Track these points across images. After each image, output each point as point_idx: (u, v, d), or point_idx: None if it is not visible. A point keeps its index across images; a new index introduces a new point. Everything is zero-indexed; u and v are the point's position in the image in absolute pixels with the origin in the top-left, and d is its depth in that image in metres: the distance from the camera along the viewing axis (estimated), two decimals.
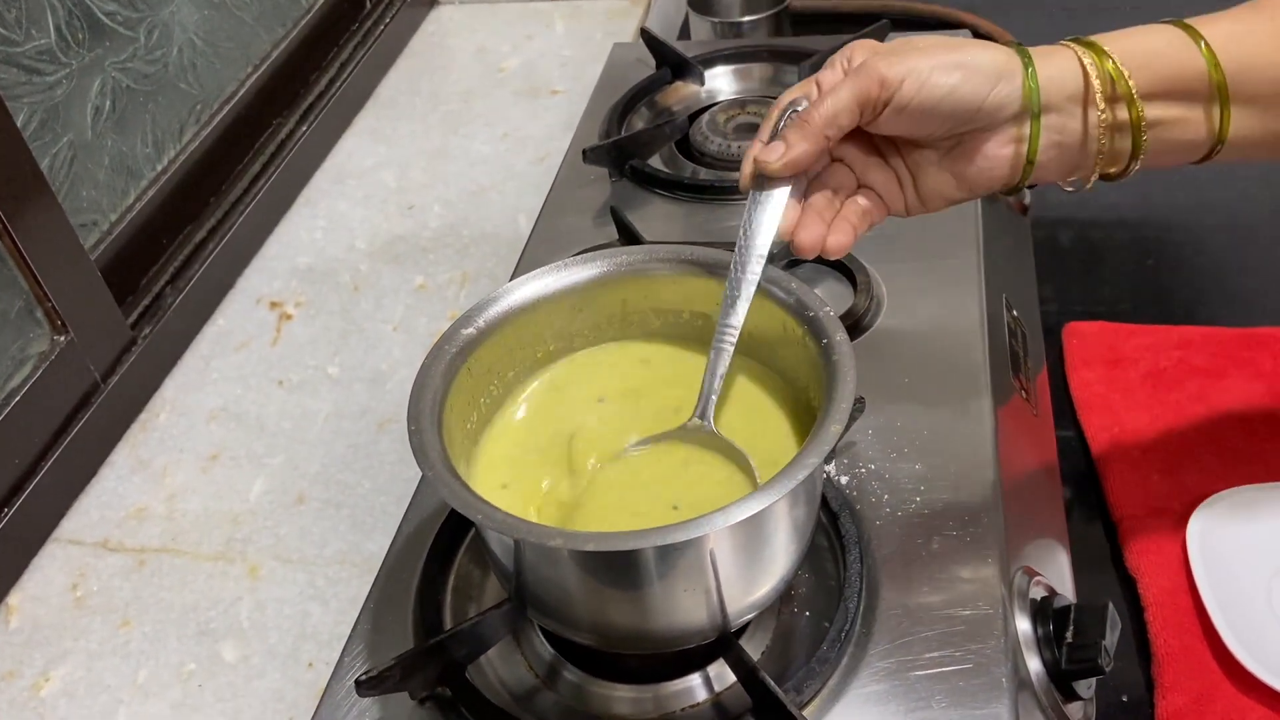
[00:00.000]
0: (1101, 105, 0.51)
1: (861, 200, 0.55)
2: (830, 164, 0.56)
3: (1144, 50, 0.52)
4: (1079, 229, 1.03)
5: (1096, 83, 0.51)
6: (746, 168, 0.54)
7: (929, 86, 0.50)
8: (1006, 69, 0.51)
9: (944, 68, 0.51)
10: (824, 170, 0.55)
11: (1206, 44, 0.51)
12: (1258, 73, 0.51)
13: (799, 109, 0.54)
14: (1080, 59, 0.52)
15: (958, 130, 0.53)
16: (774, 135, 0.54)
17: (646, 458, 0.54)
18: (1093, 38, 0.53)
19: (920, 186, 0.55)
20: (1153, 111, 0.52)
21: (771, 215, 0.54)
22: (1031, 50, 0.52)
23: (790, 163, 0.52)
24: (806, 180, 0.55)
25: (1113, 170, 0.55)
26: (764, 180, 0.54)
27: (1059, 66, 0.52)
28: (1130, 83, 0.51)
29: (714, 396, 0.54)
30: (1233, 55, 0.51)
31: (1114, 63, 0.51)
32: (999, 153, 0.53)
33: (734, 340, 0.54)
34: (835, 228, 0.54)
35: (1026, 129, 0.52)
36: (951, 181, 0.55)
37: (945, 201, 0.56)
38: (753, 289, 0.54)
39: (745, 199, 0.83)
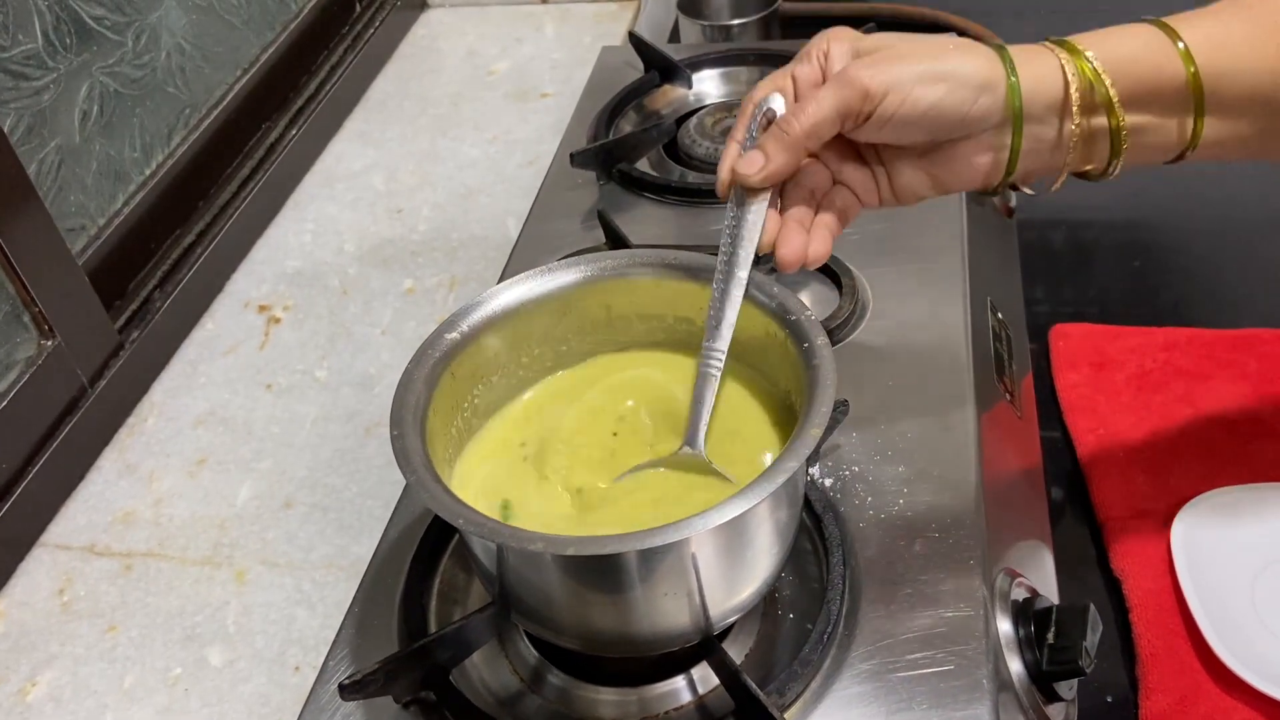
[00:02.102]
0: (1077, 117, 0.51)
1: (838, 200, 0.55)
2: (806, 163, 0.55)
3: (1123, 55, 0.51)
4: (1068, 231, 1.03)
5: (1075, 94, 0.51)
6: (724, 174, 0.54)
7: (912, 100, 0.50)
8: (990, 79, 0.51)
9: (928, 79, 0.50)
10: (800, 170, 0.55)
11: (1185, 47, 0.51)
12: (1232, 78, 0.51)
13: (773, 106, 0.53)
14: (1061, 65, 0.51)
15: (938, 139, 0.53)
16: (750, 138, 0.54)
17: (643, 482, 0.54)
18: (1072, 39, 0.52)
19: (895, 183, 0.55)
20: (1131, 119, 0.52)
21: (750, 229, 0.54)
22: (1013, 52, 0.52)
23: (769, 175, 0.52)
24: (781, 185, 0.55)
25: (1090, 169, 0.55)
26: (742, 190, 0.54)
27: (1039, 73, 0.52)
28: (1110, 91, 0.51)
29: (703, 424, 0.54)
30: (1210, 60, 0.51)
31: (1093, 68, 0.51)
32: (977, 159, 0.53)
33: (720, 364, 0.54)
34: (814, 236, 0.54)
35: (1006, 137, 0.52)
36: (926, 181, 0.55)
37: (917, 198, 0.56)
38: (736, 311, 0.54)
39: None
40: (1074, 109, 0.51)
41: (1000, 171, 0.54)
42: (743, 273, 0.54)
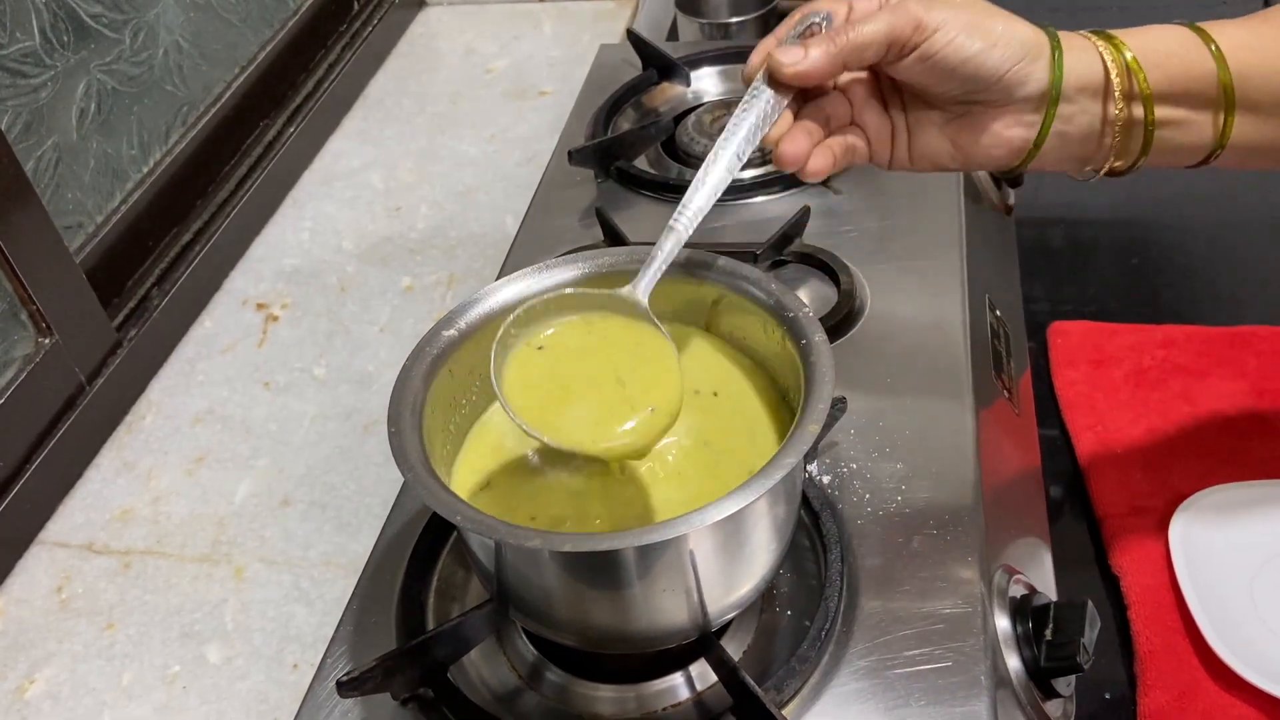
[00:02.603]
0: (1120, 102, 0.52)
1: (850, 137, 0.55)
2: (831, 91, 0.55)
3: (1158, 49, 0.52)
4: (1067, 229, 1.03)
5: (1116, 79, 0.51)
6: (756, 58, 0.53)
7: (956, 44, 0.50)
8: (1035, 48, 0.51)
9: (975, 30, 0.50)
10: (824, 95, 0.55)
11: (1217, 47, 0.51)
12: (1263, 80, 0.52)
13: (823, 19, 0.52)
14: (1100, 53, 0.52)
15: (971, 97, 0.52)
16: (791, 39, 0.53)
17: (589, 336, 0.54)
18: (1110, 32, 0.53)
19: (914, 145, 0.55)
20: (1162, 112, 0.52)
21: (760, 116, 0.53)
22: (1060, 34, 0.52)
23: (802, 73, 0.51)
24: (803, 99, 0.54)
25: (1119, 165, 0.55)
26: (765, 79, 0.53)
27: (1079, 56, 0.52)
28: (1146, 83, 0.51)
29: (652, 271, 0.53)
30: (1241, 60, 0.51)
31: (1132, 57, 0.51)
32: (1006, 133, 0.53)
33: (689, 223, 0.53)
34: (818, 152, 0.54)
35: (1038, 115, 0.52)
36: (949, 149, 0.55)
37: (934, 166, 0.56)
38: (720, 179, 0.52)
39: (731, 199, 0.84)
40: (1116, 93, 0.51)
41: (1024, 151, 0.53)
42: (740, 152, 0.53)
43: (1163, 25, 0.53)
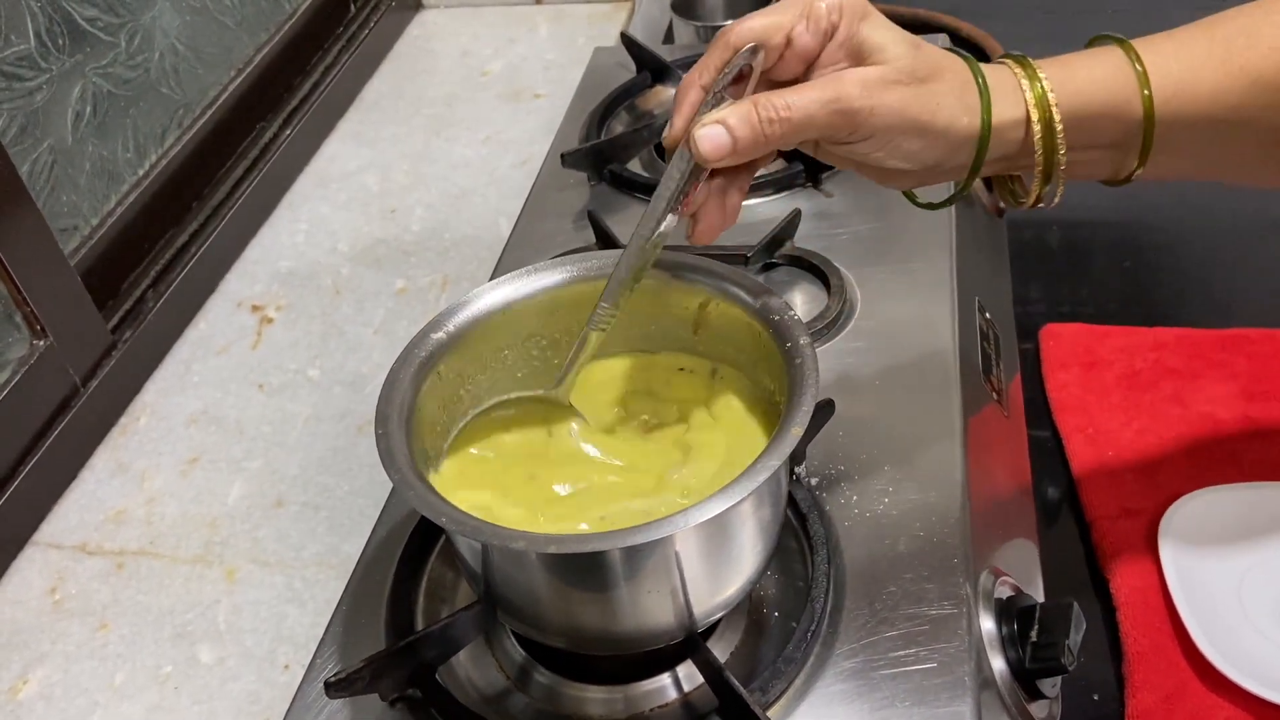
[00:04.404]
0: (1039, 148, 0.51)
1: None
2: None
3: (1082, 101, 0.51)
4: (1059, 231, 1.04)
5: (1038, 126, 0.51)
6: (678, 129, 0.49)
7: (892, 146, 0.49)
8: (969, 133, 0.50)
9: (914, 131, 0.49)
10: None
11: (1149, 96, 0.50)
12: (1184, 126, 0.51)
13: (753, 62, 0.48)
14: (1024, 96, 0.51)
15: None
16: (715, 93, 0.48)
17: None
18: (1038, 66, 0.51)
19: (822, 156, 0.53)
20: (1073, 155, 0.52)
21: (676, 190, 0.50)
22: (990, 83, 0.51)
23: (728, 160, 0.48)
24: None
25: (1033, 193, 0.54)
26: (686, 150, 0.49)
27: (1008, 103, 0.51)
28: (1059, 137, 0.51)
29: (570, 373, 0.54)
30: (1168, 100, 0.50)
31: (1044, 91, 0.50)
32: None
33: (608, 324, 0.53)
34: (729, 201, 0.51)
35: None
36: (865, 173, 0.53)
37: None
38: (628, 272, 0.52)
39: None
40: (1036, 139, 0.51)
41: (955, 191, 0.54)
42: (655, 233, 0.51)
43: (1098, 57, 0.52)
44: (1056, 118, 0.50)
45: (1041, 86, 0.51)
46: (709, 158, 0.48)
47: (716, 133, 0.48)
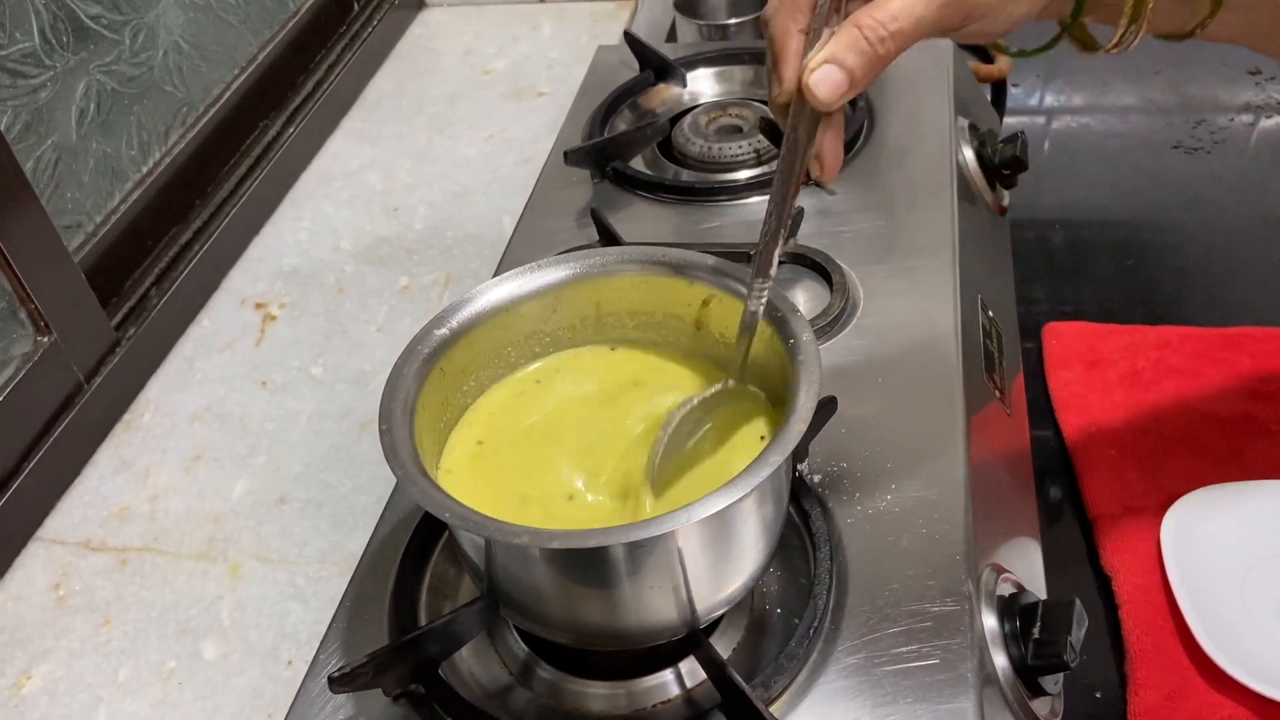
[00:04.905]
0: None
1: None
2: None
3: None
4: (1062, 230, 1.04)
5: None
6: (789, 82, 0.46)
7: (1005, 15, 0.47)
8: None
9: None
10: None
11: None
12: None
13: None
14: None
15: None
16: (814, 30, 0.46)
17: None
18: None
19: None
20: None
21: (805, 151, 0.48)
22: None
23: (846, 95, 0.45)
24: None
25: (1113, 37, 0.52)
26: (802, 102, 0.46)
27: None
28: None
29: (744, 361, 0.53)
30: None
31: None
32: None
33: (762, 300, 0.51)
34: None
35: None
36: (966, 39, 0.52)
37: None
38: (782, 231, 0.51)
39: (726, 200, 0.85)
40: None
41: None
42: (788, 200, 0.49)
43: None
44: None
45: None
46: (830, 101, 0.45)
47: (830, 72, 0.45)
